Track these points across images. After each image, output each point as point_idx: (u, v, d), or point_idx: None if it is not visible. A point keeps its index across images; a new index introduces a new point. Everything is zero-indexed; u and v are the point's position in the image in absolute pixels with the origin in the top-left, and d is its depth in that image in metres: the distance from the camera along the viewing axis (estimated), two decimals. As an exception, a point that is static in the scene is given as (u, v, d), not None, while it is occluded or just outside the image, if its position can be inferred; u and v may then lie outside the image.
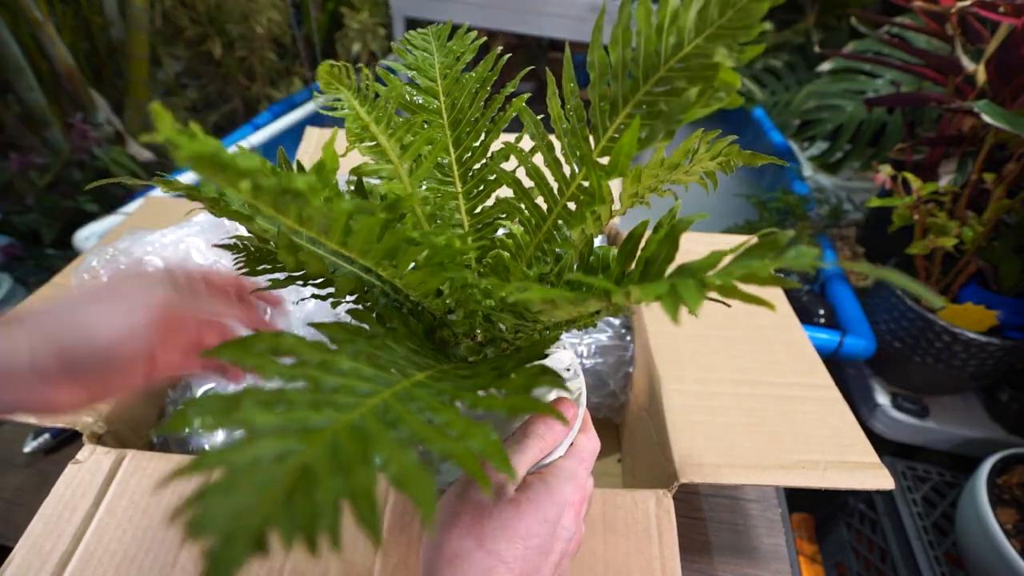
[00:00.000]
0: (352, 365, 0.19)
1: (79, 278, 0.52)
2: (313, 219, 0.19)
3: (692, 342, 0.53)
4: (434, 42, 0.34)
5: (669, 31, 0.20)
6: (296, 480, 0.13)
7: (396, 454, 0.15)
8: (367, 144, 0.31)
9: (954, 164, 0.94)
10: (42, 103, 1.33)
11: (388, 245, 0.21)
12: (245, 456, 0.13)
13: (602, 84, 0.23)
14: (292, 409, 0.15)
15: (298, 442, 0.14)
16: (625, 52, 0.22)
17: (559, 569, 0.28)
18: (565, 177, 0.28)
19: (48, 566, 0.34)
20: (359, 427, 0.16)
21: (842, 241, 1.35)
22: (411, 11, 1.55)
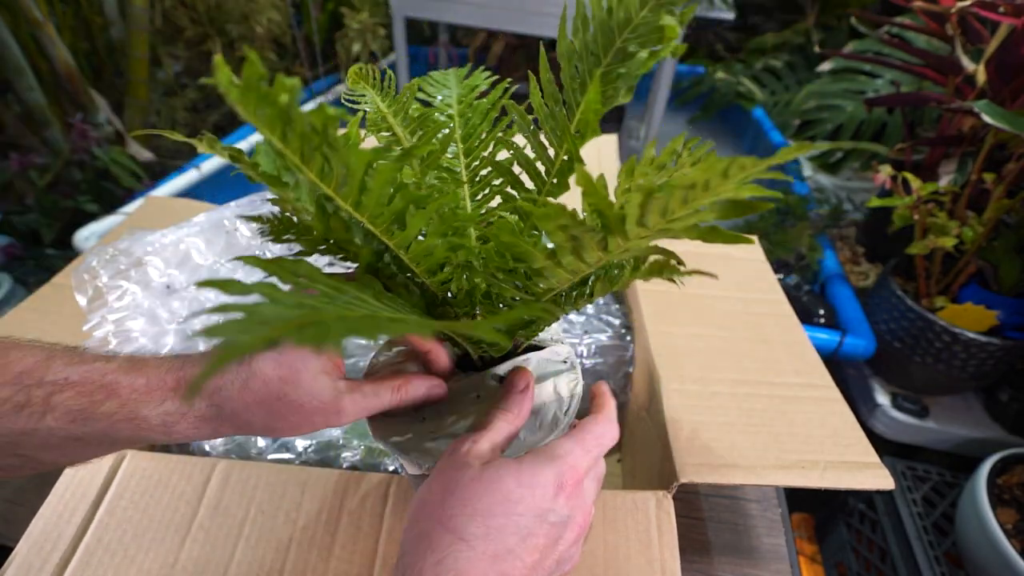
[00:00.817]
0: (360, 296, 0.22)
1: (79, 278, 0.52)
2: (334, 171, 0.21)
3: (692, 342, 0.53)
4: (453, 80, 0.39)
5: (618, 10, 0.23)
6: (307, 323, 0.15)
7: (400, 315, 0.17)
8: (384, 134, 0.35)
9: (954, 164, 0.94)
10: (42, 103, 1.33)
11: (398, 208, 0.23)
12: (262, 310, 0.15)
13: (571, 67, 0.26)
14: (307, 299, 0.18)
15: (309, 312, 0.16)
16: (586, 36, 0.25)
17: (556, 553, 0.27)
18: (550, 159, 0.30)
19: (48, 566, 0.34)
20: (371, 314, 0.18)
21: (842, 241, 1.36)
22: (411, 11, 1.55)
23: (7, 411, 0.26)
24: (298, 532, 0.36)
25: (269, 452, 0.49)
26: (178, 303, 0.53)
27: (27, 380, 0.27)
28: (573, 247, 0.21)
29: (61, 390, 0.27)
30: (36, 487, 0.53)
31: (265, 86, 0.17)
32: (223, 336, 0.13)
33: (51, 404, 0.26)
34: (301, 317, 0.15)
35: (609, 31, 0.24)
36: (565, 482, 0.28)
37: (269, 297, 0.16)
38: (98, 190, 1.31)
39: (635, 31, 0.23)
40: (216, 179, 1.21)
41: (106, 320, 0.50)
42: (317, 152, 0.20)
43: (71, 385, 0.27)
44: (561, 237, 0.21)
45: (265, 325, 0.14)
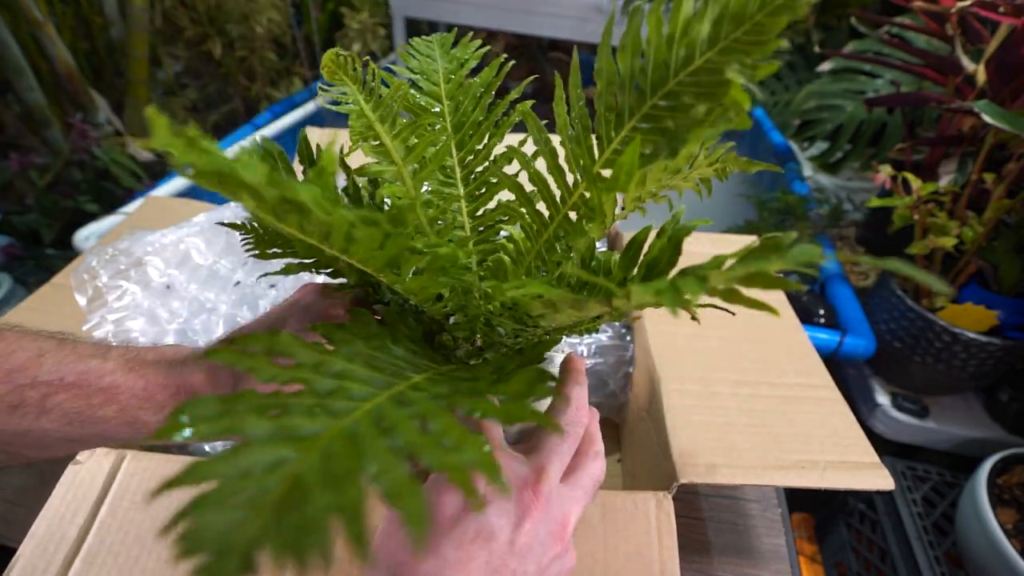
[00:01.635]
0: (347, 367, 0.19)
1: (79, 278, 0.52)
2: (315, 228, 0.18)
3: (692, 342, 0.53)
4: (438, 49, 0.34)
5: (680, 43, 0.19)
6: (287, 492, 0.13)
7: (389, 466, 0.14)
8: (371, 143, 0.31)
9: (954, 164, 0.94)
10: (42, 103, 1.33)
11: (390, 254, 0.21)
12: (236, 467, 0.13)
13: (609, 94, 0.22)
14: (286, 414, 0.15)
15: (291, 450, 0.14)
16: (634, 62, 0.21)
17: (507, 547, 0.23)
18: (568, 185, 0.27)
19: (53, 567, 0.34)
20: (353, 434, 0.15)
21: (842, 241, 1.36)
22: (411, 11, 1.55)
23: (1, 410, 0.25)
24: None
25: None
26: (178, 303, 0.53)
27: (19, 379, 0.26)
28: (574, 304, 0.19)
29: (56, 391, 0.26)
30: (36, 487, 0.53)
31: (229, 166, 0.14)
32: (199, 549, 0.12)
33: (46, 407, 0.26)
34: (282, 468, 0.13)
35: (664, 66, 0.20)
36: None
37: (244, 436, 0.14)
38: (98, 190, 1.31)
39: (694, 75, 0.19)
40: (216, 179, 1.21)
41: (106, 320, 0.50)
42: (293, 214, 0.17)
43: (67, 387, 0.26)
44: (564, 303, 0.19)
45: (242, 508, 0.12)
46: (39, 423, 0.26)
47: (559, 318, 0.22)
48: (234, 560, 0.11)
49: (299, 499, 0.13)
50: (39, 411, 0.26)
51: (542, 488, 0.25)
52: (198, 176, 0.14)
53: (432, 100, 0.33)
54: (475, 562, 0.22)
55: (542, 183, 0.29)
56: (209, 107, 1.84)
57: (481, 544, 0.23)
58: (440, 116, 0.33)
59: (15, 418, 0.25)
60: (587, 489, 0.27)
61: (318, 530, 0.12)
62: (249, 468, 0.13)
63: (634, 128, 0.22)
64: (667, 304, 0.15)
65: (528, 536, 0.24)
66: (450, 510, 0.24)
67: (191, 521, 0.12)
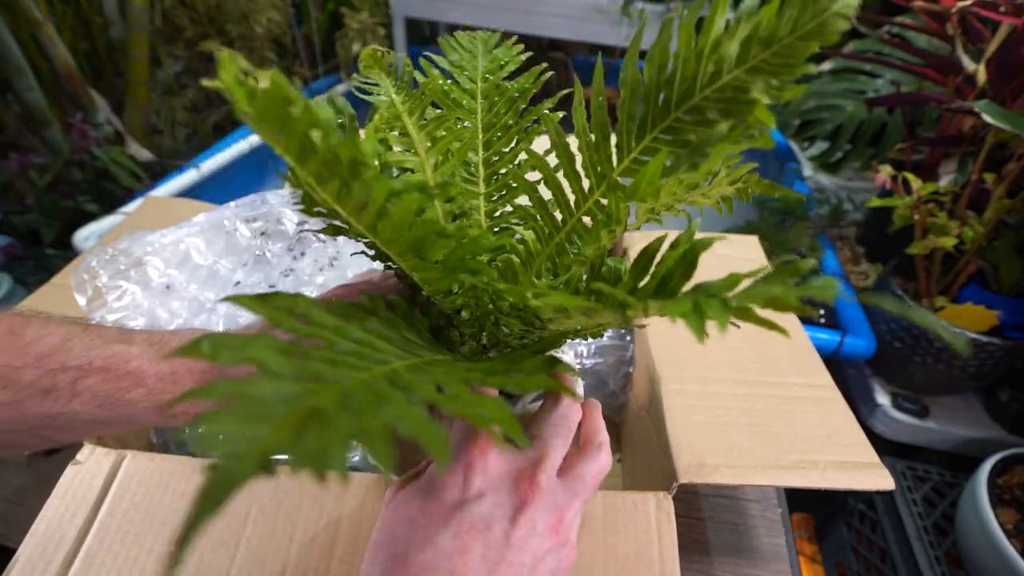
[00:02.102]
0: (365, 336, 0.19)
1: (78, 278, 0.52)
2: (352, 195, 0.18)
3: (692, 342, 0.53)
4: (480, 46, 0.34)
5: (709, 59, 0.19)
6: (307, 417, 0.13)
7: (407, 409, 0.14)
8: (396, 134, 0.31)
9: (954, 164, 0.94)
10: (42, 103, 1.33)
11: (417, 235, 0.21)
12: (256, 390, 0.13)
13: (632, 103, 0.22)
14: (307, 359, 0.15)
15: (311, 387, 0.14)
16: (660, 74, 0.21)
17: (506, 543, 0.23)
18: (583, 191, 0.27)
19: (52, 568, 0.34)
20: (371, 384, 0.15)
21: (842, 241, 1.35)
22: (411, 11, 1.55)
23: (34, 394, 0.26)
24: (299, 533, 0.36)
25: (269, 452, 0.49)
26: (178, 303, 0.53)
27: (50, 363, 0.26)
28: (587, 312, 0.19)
29: (86, 375, 0.26)
30: (35, 487, 0.53)
31: (288, 112, 0.15)
32: (210, 447, 0.12)
33: (77, 389, 0.26)
34: (300, 399, 0.14)
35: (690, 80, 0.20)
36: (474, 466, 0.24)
37: (263, 369, 0.14)
38: (98, 190, 1.31)
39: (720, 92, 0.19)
40: (216, 179, 1.21)
41: (106, 320, 0.50)
42: (336, 178, 0.18)
43: (96, 370, 0.27)
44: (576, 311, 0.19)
45: (261, 422, 0.13)
46: (71, 406, 0.26)
47: (568, 323, 0.22)
48: (251, 463, 0.12)
49: (320, 423, 0.13)
50: (71, 394, 0.26)
51: (539, 479, 0.25)
52: (257, 120, 0.15)
53: (467, 96, 0.33)
54: (471, 553, 0.22)
55: (557, 188, 0.29)
56: (209, 107, 1.84)
57: (477, 535, 0.23)
58: (472, 113, 0.33)
59: (48, 401, 0.26)
60: (589, 482, 0.27)
61: (339, 449, 0.12)
62: (268, 396, 0.13)
63: (655, 139, 0.22)
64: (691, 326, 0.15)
65: (524, 528, 0.24)
66: (448, 503, 0.24)
67: (212, 423, 0.12)
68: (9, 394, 0.25)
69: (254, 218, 0.59)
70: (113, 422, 0.27)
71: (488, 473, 0.24)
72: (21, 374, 0.26)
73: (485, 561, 0.22)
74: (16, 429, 0.26)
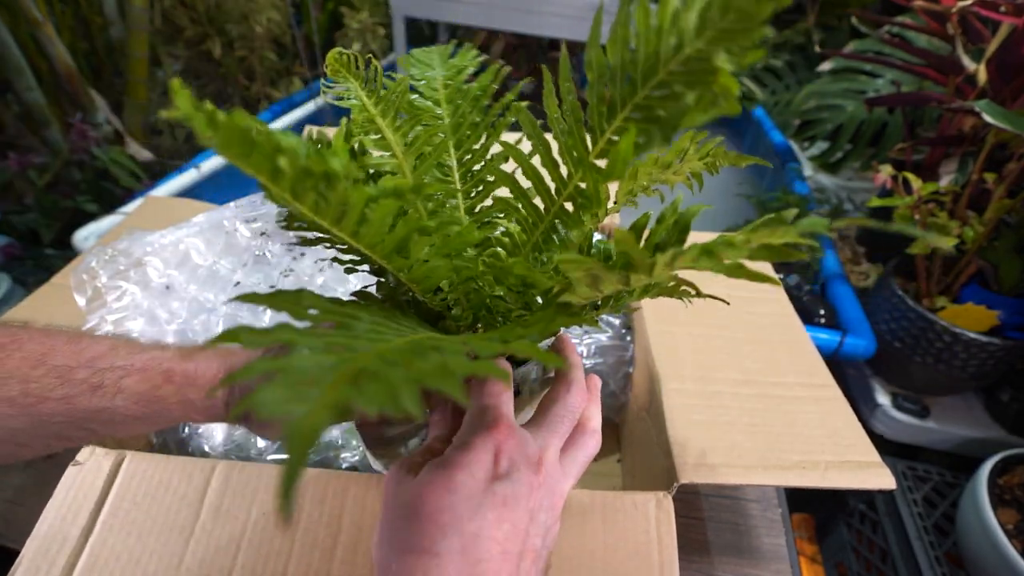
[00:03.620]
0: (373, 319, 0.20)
1: (78, 278, 0.52)
2: (330, 206, 0.19)
3: (692, 342, 0.53)
4: (437, 58, 0.36)
5: (669, 32, 0.19)
6: (356, 376, 0.13)
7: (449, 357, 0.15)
8: (372, 137, 0.32)
9: (955, 164, 0.94)
10: (41, 103, 1.33)
11: (399, 236, 0.22)
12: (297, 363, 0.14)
13: (600, 86, 0.23)
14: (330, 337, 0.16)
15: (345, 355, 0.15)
16: (624, 53, 0.21)
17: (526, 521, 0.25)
18: (562, 177, 0.28)
19: (56, 569, 0.34)
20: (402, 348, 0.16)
21: (843, 241, 1.35)
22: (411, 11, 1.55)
23: (84, 391, 0.30)
24: (300, 533, 0.36)
25: (269, 453, 0.49)
26: (177, 303, 0.53)
27: (100, 364, 0.31)
28: (591, 281, 0.20)
29: (129, 375, 0.31)
30: (35, 487, 0.53)
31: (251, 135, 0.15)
32: (274, 410, 0.12)
33: (121, 387, 0.31)
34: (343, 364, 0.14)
35: (653, 56, 0.20)
36: (501, 443, 0.26)
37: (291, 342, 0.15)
38: (97, 190, 1.31)
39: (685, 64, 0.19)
40: (216, 179, 1.21)
41: (105, 320, 0.50)
42: (311, 191, 0.18)
43: (136, 371, 0.31)
44: (582, 276, 0.20)
45: (313, 385, 0.13)
46: (115, 401, 0.30)
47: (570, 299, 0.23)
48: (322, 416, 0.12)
49: (372, 376, 0.14)
50: (115, 391, 0.31)
51: (546, 462, 0.27)
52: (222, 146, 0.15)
53: (431, 104, 0.34)
54: (506, 525, 0.24)
55: (537, 177, 0.29)
56: (209, 107, 1.83)
57: (509, 510, 0.25)
58: (439, 119, 0.34)
59: (95, 398, 0.30)
60: (581, 465, 0.30)
61: (405, 388, 0.13)
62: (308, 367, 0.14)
63: (627, 118, 0.22)
64: (709, 267, 0.15)
65: (538, 504, 0.26)
66: (481, 477, 0.25)
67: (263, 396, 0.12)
68: (65, 390, 0.30)
69: (254, 218, 0.59)
70: (149, 417, 0.31)
71: (512, 454, 0.26)
72: (75, 373, 0.30)
73: (516, 533, 0.25)
74: (67, 421, 0.30)
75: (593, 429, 0.31)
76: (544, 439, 0.28)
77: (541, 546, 0.26)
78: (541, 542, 0.26)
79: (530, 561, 0.25)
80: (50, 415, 0.30)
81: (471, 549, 0.23)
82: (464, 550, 0.23)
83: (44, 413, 0.30)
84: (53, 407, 0.30)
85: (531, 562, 0.25)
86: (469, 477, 0.25)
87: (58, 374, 0.30)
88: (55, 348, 0.31)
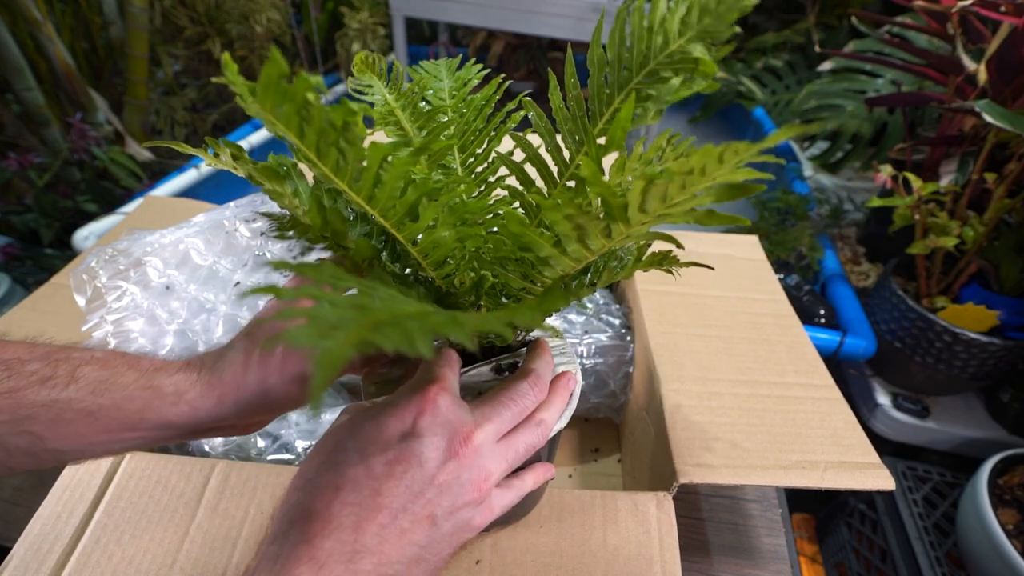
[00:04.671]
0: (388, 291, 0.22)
1: (78, 278, 0.52)
2: (348, 165, 0.21)
3: (692, 342, 0.53)
4: (444, 70, 0.39)
5: (658, 32, 0.24)
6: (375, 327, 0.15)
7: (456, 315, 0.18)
8: (391, 128, 0.36)
9: (955, 164, 0.94)
10: (41, 102, 1.33)
11: (410, 200, 0.24)
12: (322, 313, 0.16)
13: (600, 76, 0.27)
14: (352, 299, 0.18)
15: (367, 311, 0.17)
16: (621, 50, 0.26)
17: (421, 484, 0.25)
18: (565, 161, 0.31)
19: (45, 568, 0.34)
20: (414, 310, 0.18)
21: (843, 241, 1.35)
22: (411, 11, 1.55)
23: (33, 383, 0.27)
24: (297, 533, 0.36)
25: (268, 453, 0.49)
26: (177, 304, 0.52)
27: (56, 355, 0.28)
28: (578, 235, 0.22)
29: (87, 363, 0.28)
30: (34, 487, 0.53)
31: (285, 83, 0.18)
32: (305, 341, 0.14)
33: (76, 376, 0.28)
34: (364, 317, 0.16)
35: (646, 50, 0.25)
36: (425, 404, 0.27)
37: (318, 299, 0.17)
38: (97, 190, 1.31)
39: (671, 57, 0.24)
40: (216, 179, 1.21)
41: (105, 320, 0.50)
42: (333, 147, 0.20)
43: (96, 360, 0.29)
44: (567, 226, 0.22)
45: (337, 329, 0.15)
46: (66, 392, 0.27)
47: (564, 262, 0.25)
48: (347, 348, 0.14)
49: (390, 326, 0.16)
50: (68, 381, 0.28)
51: (475, 438, 0.27)
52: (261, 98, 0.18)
53: (439, 112, 0.37)
54: (397, 480, 0.25)
55: (541, 163, 0.32)
56: (209, 107, 1.84)
57: (407, 467, 0.25)
58: (446, 125, 0.37)
59: (44, 389, 0.27)
60: (518, 454, 0.29)
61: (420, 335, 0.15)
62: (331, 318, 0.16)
63: (623, 101, 0.26)
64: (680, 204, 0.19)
65: (449, 475, 0.26)
66: (392, 432, 0.26)
67: (293, 332, 0.14)
68: (11, 383, 0.27)
69: (254, 218, 0.59)
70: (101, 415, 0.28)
71: (435, 418, 0.26)
72: (26, 365, 0.27)
73: (407, 491, 0.25)
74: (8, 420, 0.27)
75: (539, 420, 0.30)
76: (482, 416, 0.28)
77: (442, 517, 0.26)
78: (443, 513, 0.26)
79: (420, 527, 0.25)
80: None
81: (345, 488, 0.25)
82: (337, 487, 0.25)
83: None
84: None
85: (422, 530, 0.25)
86: (380, 428, 0.26)
87: (6, 367, 0.27)
88: (7, 345, 0.28)
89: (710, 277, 0.60)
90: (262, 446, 0.50)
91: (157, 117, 1.67)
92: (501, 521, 0.37)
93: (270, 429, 0.50)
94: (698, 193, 0.19)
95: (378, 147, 0.21)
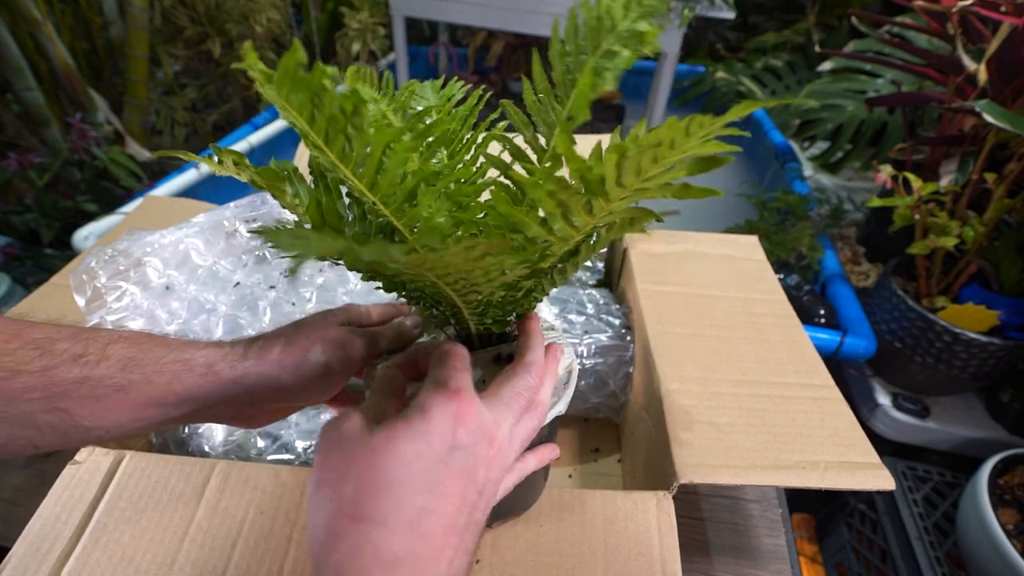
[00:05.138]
0: None
1: (78, 278, 0.52)
2: (354, 152, 0.23)
3: (692, 342, 0.53)
4: (430, 90, 0.41)
5: (605, 18, 0.28)
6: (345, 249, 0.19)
7: None
8: None
9: (955, 164, 0.94)
10: (41, 102, 1.33)
11: (409, 186, 0.26)
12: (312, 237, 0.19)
13: (562, 66, 0.30)
14: None
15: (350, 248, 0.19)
16: (577, 40, 0.29)
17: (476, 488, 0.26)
18: (542, 148, 0.34)
19: (45, 567, 0.34)
20: None
21: (843, 241, 1.36)
22: (411, 11, 1.55)
23: (65, 360, 0.28)
24: (297, 533, 0.36)
25: (269, 453, 0.49)
26: (177, 304, 0.52)
27: (85, 335, 0.29)
28: (562, 212, 0.24)
29: (116, 342, 0.29)
30: (34, 487, 0.53)
31: (302, 72, 0.19)
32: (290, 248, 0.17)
33: (106, 354, 0.29)
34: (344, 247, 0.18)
35: (596, 35, 0.28)
36: (462, 414, 0.26)
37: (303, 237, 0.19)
38: (97, 190, 1.31)
39: (619, 36, 0.27)
40: (216, 179, 1.21)
41: (105, 321, 0.50)
42: (341, 134, 0.22)
43: (124, 339, 0.30)
44: (551, 204, 0.23)
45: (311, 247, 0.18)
46: (97, 369, 0.28)
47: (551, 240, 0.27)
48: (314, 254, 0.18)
49: None
50: (99, 359, 0.28)
51: (497, 439, 0.28)
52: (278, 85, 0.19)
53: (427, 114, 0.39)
54: (457, 495, 0.25)
55: (520, 154, 0.35)
56: (208, 107, 1.84)
57: (462, 479, 0.26)
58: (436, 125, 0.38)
59: (76, 367, 0.28)
60: (524, 441, 0.30)
61: None
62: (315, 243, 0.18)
63: None
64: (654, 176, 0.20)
65: (487, 476, 0.27)
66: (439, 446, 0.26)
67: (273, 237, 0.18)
68: (44, 361, 0.27)
69: (254, 218, 0.59)
70: (132, 387, 0.29)
71: (469, 425, 0.27)
72: (56, 344, 0.28)
73: (465, 503, 0.25)
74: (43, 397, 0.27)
75: (536, 403, 0.31)
76: (499, 414, 0.29)
77: (482, 519, 0.27)
78: (482, 516, 0.27)
79: (471, 534, 0.26)
80: (23, 391, 0.26)
81: (419, 521, 0.23)
82: (412, 522, 0.23)
83: (16, 389, 0.26)
84: (28, 381, 0.26)
85: (472, 535, 0.26)
86: (427, 448, 0.25)
87: (36, 346, 0.27)
88: (34, 325, 0.28)
89: (710, 277, 0.60)
90: (262, 446, 0.50)
91: (157, 117, 1.67)
92: (502, 513, 0.37)
93: (270, 429, 0.50)
94: (671, 167, 0.20)
95: (382, 132, 0.22)
